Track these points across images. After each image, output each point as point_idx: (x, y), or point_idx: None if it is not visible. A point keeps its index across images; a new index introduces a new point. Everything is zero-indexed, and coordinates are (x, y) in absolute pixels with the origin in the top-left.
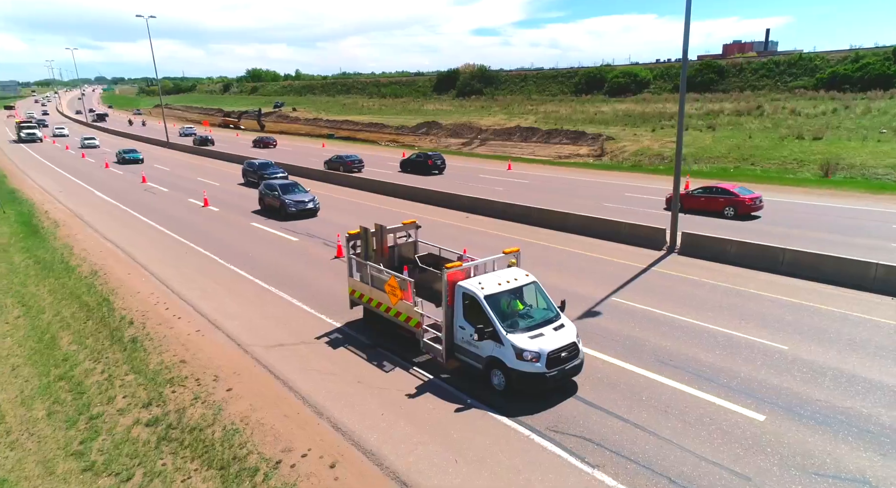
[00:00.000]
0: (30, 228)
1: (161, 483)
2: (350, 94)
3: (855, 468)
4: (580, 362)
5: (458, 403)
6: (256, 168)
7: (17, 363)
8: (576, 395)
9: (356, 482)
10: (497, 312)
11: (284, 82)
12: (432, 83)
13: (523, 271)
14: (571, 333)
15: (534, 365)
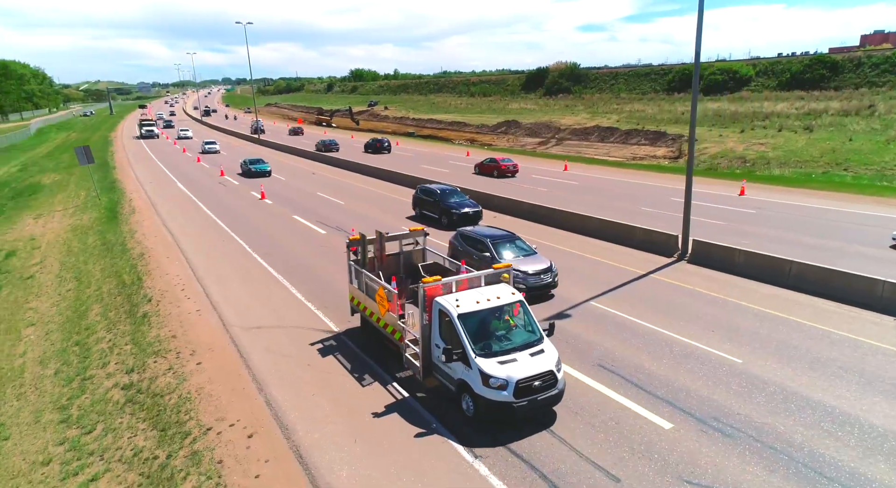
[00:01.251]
0: (112, 214)
1: (112, 437)
2: (441, 93)
3: (732, 481)
4: (558, 393)
5: (421, 426)
6: (439, 197)
7: (51, 328)
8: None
9: (264, 452)
10: (471, 332)
11: (382, 82)
12: (521, 82)
13: (511, 289)
14: (549, 361)
15: (500, 393)
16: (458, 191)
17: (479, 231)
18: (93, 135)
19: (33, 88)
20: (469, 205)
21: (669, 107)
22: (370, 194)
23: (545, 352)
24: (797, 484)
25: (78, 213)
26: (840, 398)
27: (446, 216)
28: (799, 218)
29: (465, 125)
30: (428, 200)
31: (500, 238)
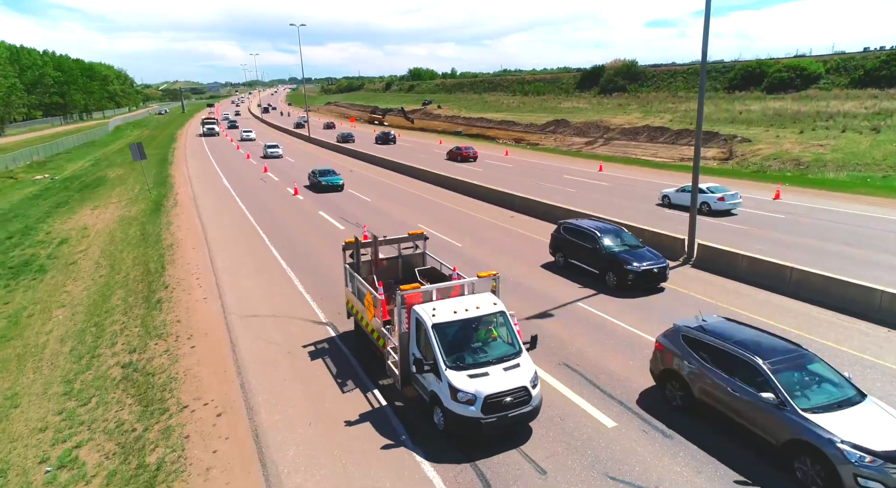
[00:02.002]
0: (156, 206)
1: (102, 410)
2: (495, 92)
3: (655, 478)
4: (532, 410)
5: (389, 436)
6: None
7: (78, 310)
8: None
9: (226, 430)
10: (446, 343)
11: (438, 81)
12: (576, 80)
13: (493, 299)
14: (524, 376)
15: (468, 407)
16: (623, 232)
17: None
18: (162, 132)
19: (116, 88)
20: (650, 257)
21: (727, 105)
22: (396, 192)
23: (521, 366)
24: (720, 486)
25: (129, 206)
26: None
27: (616, 274)
28: (831, 224)
29: (513, 124)
30: (579, 244)
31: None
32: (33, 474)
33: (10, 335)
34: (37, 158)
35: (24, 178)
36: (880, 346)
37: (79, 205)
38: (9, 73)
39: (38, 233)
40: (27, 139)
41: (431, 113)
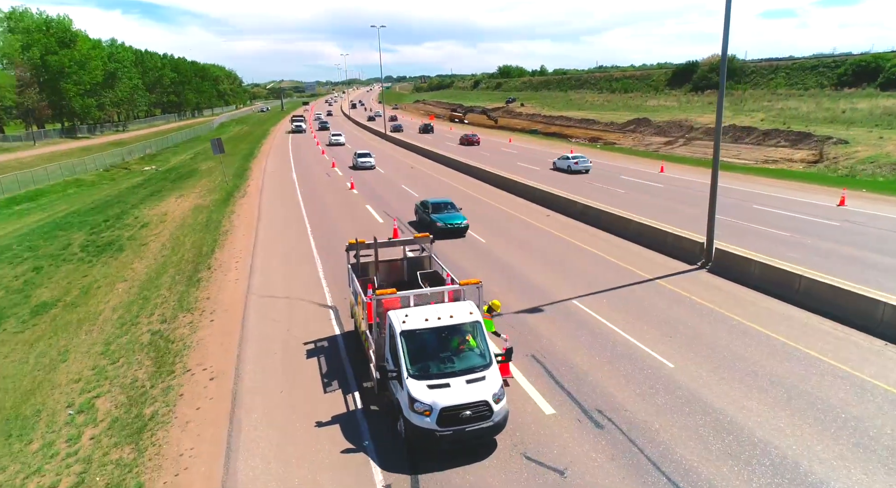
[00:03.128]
0: (227, 197)
1: (125, 368)
2: (582, 90)
3: (569, 460)
4: (492, 426)
5: (353, 438)
6: None
7: (134, 285)
8: None
9: (213, 392)
10: (412, 351)
11: (525, 78)
12: (667, 77)
13: (470, 308)
14: (487, 390)
15: (424, 418)
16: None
17: None
18: (259, 128)
19: (225, 88)
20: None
21: (830, 104)
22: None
23: (486, 379)
24: (630, 473)
25: (206, 195)
26: (745, 409)
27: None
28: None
29: (593, 122)
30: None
31: None
32: (59, 415)
33: (78, 303)
34: (149, 151)
35: (136, 169)
36: (865, 359)
37: (168, 193)
38: (133, 75)
39: (128, 218)
40: (145, 134)
41: (513, 111)
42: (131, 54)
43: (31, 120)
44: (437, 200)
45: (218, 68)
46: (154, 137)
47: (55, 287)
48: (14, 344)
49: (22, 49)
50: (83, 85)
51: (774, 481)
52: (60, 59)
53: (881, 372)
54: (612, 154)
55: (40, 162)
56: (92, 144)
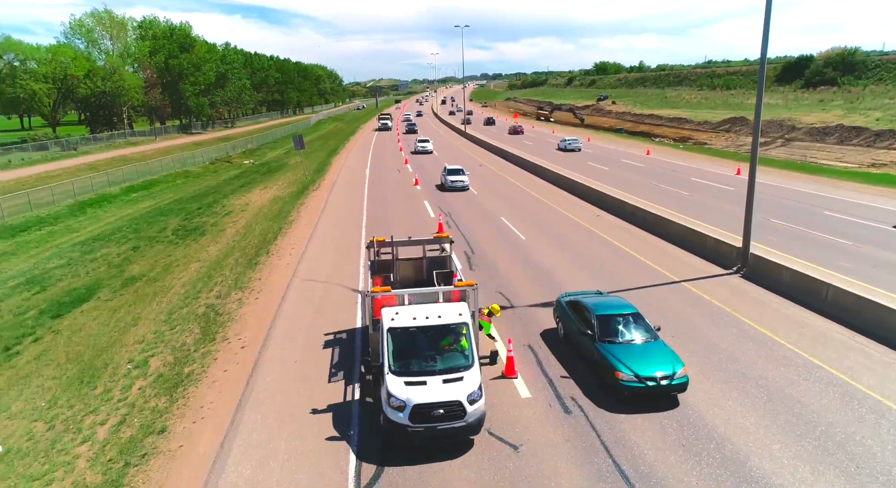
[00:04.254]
0: (302, 189)
1: (179, 334)
2: (680, 86)
3: (527, 439)
4: (465, 426)
5: (343, 427)
6: None
7: (205, 265)
8: None
9: (241, 358)
10: (397, 348)
11: (621, 75)
12: (776, 72)
13: (460, 310)
14: (462, 391)
15: (398, 413)
16: None
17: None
18: (350, 125)
19: (326, 87)
20: None
21: None
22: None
23: (463, 380)
24: (580, 454)
25: (285, 188)
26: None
27: None
28: None
29: (685, 121)
30: None
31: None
32: (120, 369)
33: (158, 278)
34: (250, 146)
35: (236, 163)
36: (869, 369)
37: (256, 185)
38: (242, 76)
39: (217, 207)
40: (249, 130)
41: (602, 109)
42: (241, 57)
43: (154, 117)
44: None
45: (320, 68)
46: (257, 133)
47: (144, 264)
48: (103, 309)
49: (150, 54)
50: (198, 85)
51: (716, 472)
52: (181, 62)
53: (880, 382)
54: (693, 154)
55: (157, 155)
56: (203, 139)
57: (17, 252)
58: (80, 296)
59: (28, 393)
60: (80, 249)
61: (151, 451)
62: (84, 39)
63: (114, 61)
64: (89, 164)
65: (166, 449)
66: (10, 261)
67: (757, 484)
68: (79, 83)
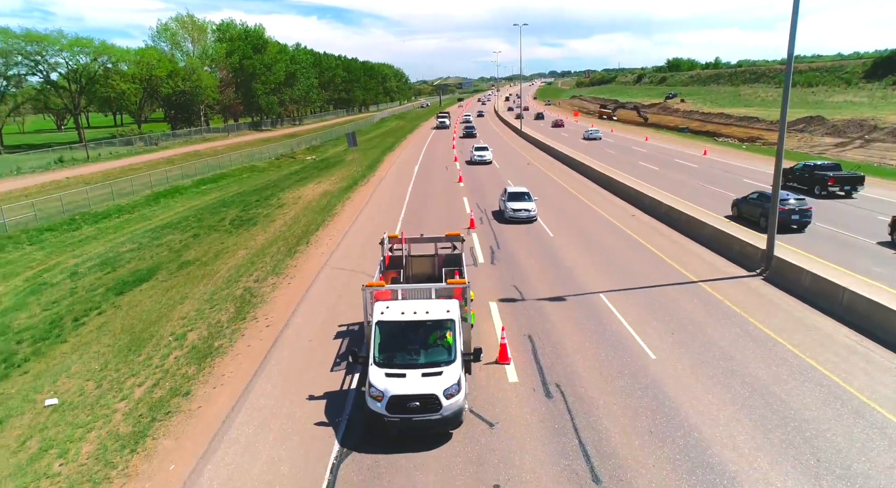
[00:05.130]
0: (351, 184)
1: (216, 313)
2: (757, 83)
3: (503, 416)
4: (440, 419)
5: (334, 414)
6: None
7: (251, 252)
8: None
9: (265, 335)
10: (384, 341)
11: (694, 72)
12: (865, 68)
13: (448, 307)
14: (439, 385)
15: (376, 403)
16: None
17: None
18: (411, 123)
19: (392, 85)
20: None
21: None
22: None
23: (442, 375)
24: (550, 433)
25: (337, 182)
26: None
27: None
28: None
29: (756, 121)
30: None
31: None
32: (163, 340)
33: (208, 263)
34: (314, 143)
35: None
36: (865, 373)
37: (311, 180)
38: (310, 75)
39: (273, 199)
40: (314, 128)
41: (670, 107)
42: (310, 56)
43: (227, 115)
44: None
45: (386, 67)
46: (321, 131)
47: (199, 250)
48: (158, 289)
49: (226, 55)
50: (269, 84)
51: (675, 457)
52: (253, 62)
53: (871, 385)
54: (755, 155)
55: (228, 150)
56: (271, 136)
57: (97, 237)
58: (142, 276)
59: (86, 358)
60: (149, 236)
61: (175, 410)
62: (168, 42)
63: (193, 62)
64: (167, 159)
65: (187, 408)
66: (91, 244)
67: (711, 469)
68: (161, 83)
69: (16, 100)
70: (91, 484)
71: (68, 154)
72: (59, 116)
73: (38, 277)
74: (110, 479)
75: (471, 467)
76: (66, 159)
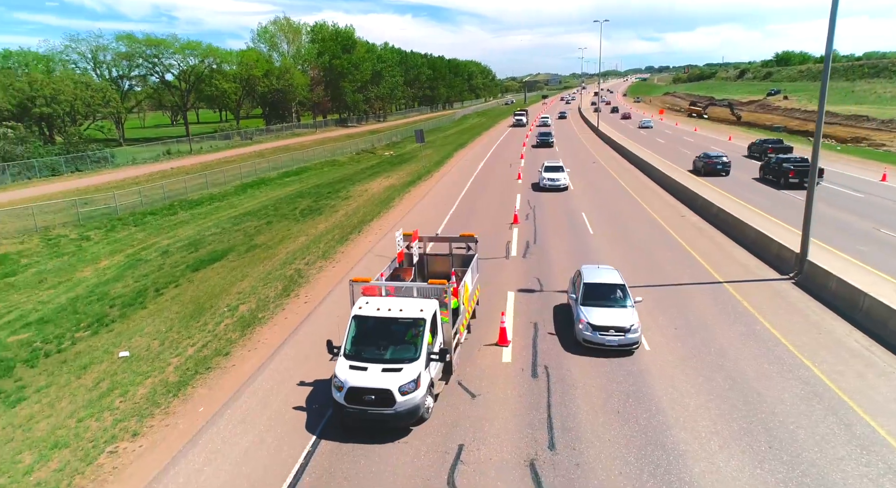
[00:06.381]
0: (415, 179)
1: (266, 289)
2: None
3: (486, 391)
4: (393, 414)
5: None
6: None
7: (310, 239)
8: None
9: (302, 309)
10: (357, 335)
11: (803, 67)
12: None
13: (422, 306)
14: (396, 381)
15: (337, 393)
16: None
17: None
18: (492, 120)
19: (478, 82)
20: None
21: None
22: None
23: (402, 371)
24: (525, 406)
25: (403, 177)
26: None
27: None
28: None
29: (865, 120)
30: None
31: None
32: (218, 310)
33: (272, 247)
34: (394, 139)
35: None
36: (858, 375)
37: (381, 174)
38: (396, 73)
39: (343, 192)
40: (397, 124)
41: (769, 105)
42: (396, 55)
43: (316, 111)
44: None
45: (474, 64)
46: (404, 127)
47: (268, 235)
48: (226, 267)
49: (317, 55)
50: (356, 83)
51: (632, 435)
52: (342, 62)
53: (860, 387)
54: (849, 157)
55: (314, 145)
56: (355, 132)
57: (189, 221)
58: (216, 256)
59: (157, 321)
60: (231, 222)
61: (214, 366)
62: (266, 44)
63: (287, 62)
64: (258, 152)
65: (224, 366)
66: (183, 227)
67: (662, 447)
68: (258, 82)
69: (136, 97)
70: (138, 417)
71: (175, 147)
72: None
73: (136, 254)
74: (153, 415)
75: (444, 428)
76: (172, 151)
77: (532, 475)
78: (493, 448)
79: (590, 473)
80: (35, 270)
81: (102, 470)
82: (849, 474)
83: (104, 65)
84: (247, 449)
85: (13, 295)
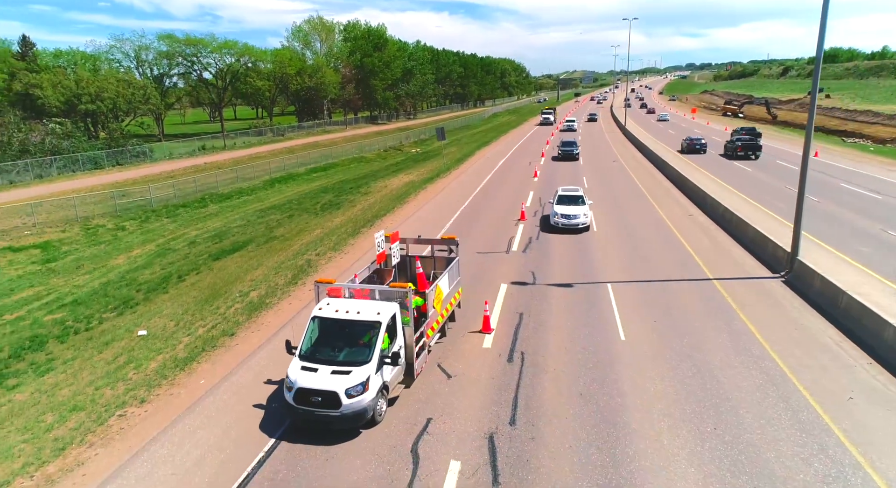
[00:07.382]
0: (434, 176)
1: (277, 277)
2: None
3: (462, 373)
4: (339, 416)
5: None
6: None
7: (325, 233)
8: None
9: (306, 297)
10: (315, 335)
11: (850, 64)
12: None
13: (379, 309)
14: (342, 383)
15: (288, 392)
16: None
17: None
18: (521, 118)
19: (511, 80)
20: None
21: None
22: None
23: (350, 374)
24: (495, 387)
25: (422, 174)
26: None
27: None
28: None
29: None
30: None
31: None
32: (231, 296)
33: (289, 239)
34: (422, 137)
35: (405, 151)
36: (822, 368)
37: (404, 171)
38: (427, 71)
39: (364, 188)
40: (427, 122)
41: (808, 104)
42: (428, 53)
43: (347, 109)
44: None
45: (507, 62)
46: (433, 125)
47: (288, 228)
48: (244, 257)
49: (349, 54)
50: (386, 81)
51: (590, 414)
52: (373, 60)
53: (817, 378)
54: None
55: (343, 142)
56: (385, 129)
57: (218, 214)
58: (237, 246)
59: (175, 305)
60: (256, 215)
61: (219, 345)
62: (300, 43)
63: (319, 61)
64: (288, 148)
65: (229, 344)
66: (212, 220)
67: (613, 425)
68: (291, 80)
69: (176, 94)
70: (147, 387)
71: (210, 143)
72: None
73: (166, 244)
74: (160, 386)
75: (417, 404)
76: (207, 147)
77: (489, 446)
78: (458, 422)
79: (542, 446)
80: (74, 257)
81: (111, 430)
82: (783, 453)
83: (146, 63)
84: (239, 415)
85: (53, 279)
